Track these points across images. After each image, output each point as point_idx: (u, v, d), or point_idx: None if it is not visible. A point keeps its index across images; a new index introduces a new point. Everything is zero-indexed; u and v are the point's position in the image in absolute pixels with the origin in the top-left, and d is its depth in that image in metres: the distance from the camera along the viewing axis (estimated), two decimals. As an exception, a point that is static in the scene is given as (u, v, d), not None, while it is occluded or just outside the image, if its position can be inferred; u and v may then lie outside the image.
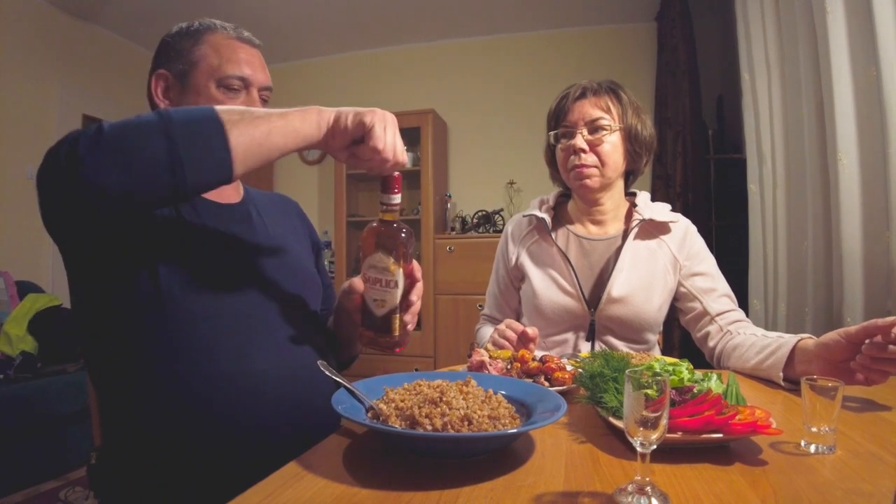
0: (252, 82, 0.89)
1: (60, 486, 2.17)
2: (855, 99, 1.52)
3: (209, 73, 0.87)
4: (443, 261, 3.49)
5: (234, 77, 0.87)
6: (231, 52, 0.88)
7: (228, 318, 0.78)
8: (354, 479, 0.52)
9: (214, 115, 0.64)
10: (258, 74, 0.90)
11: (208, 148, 0.63)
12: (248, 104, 0.87)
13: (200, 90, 0.87)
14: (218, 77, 0.87)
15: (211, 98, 0.86)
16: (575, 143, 1.15)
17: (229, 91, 0.87)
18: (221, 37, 0.90)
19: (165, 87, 0.90)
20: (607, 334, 1.17)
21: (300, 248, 0.99)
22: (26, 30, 3.12)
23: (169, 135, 0.61)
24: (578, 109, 1.15)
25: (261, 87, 0.91)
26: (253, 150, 0.65)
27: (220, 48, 0.88)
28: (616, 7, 3.45)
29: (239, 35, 0.91)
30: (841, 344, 0.78)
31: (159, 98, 0.90)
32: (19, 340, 2.37)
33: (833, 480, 0.52)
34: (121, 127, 0.62)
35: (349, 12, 3.54)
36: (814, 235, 1.77)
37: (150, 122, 0.62)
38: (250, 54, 0.91)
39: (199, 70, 0.87)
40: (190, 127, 0.62)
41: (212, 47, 0.88)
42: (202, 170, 0.63)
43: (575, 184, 1.19)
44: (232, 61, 0.88)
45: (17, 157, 3.07)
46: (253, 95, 0.89)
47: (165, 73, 0.90)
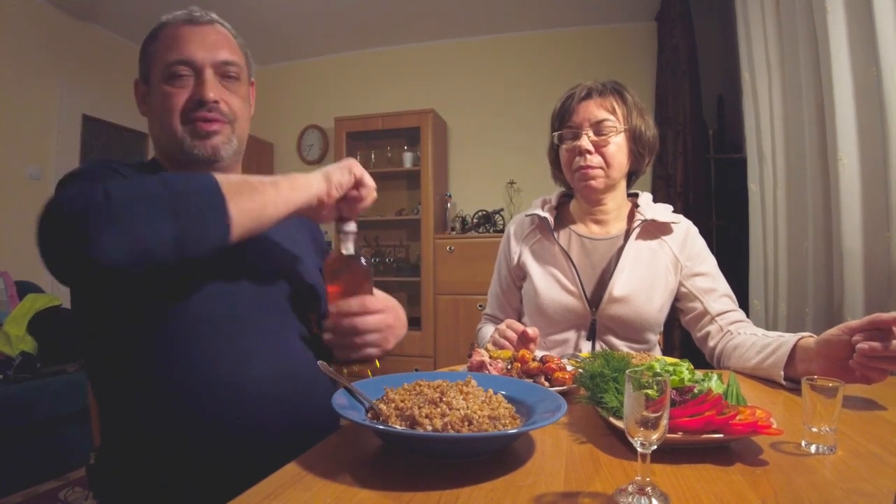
0: (199, 63, 0.83)
1: (60, 486, 2.16)
2: (855, 99, 1.52)
3: (158, 67, 0.84)
4: (443, 261, 3.49)
5: (172, 63, 0.82)
6: (174, 39, 0.84)
7: (227, 322, 0.77)
8: (354, 479, 0.52)
9: (216, 188, 0.65)
10: (205, 52, 0.83)
11: (211, 224, 0.64)
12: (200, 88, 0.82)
13: (154, 91, 0.85)
14: (161, 69, 0.83)
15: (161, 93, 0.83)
16: (580, 144, 1.14)
17: (176, 79, 0.82)
18: (171, 27, 0.86)
19: (142, 93, 0.89)
20: (608, 334, 1.17)
21: (302, 252, 0.97)
22: (26, 30, 3.12)
23: (175, 212, 0.62)
24: (583, 110, 1.15)
25: (214, 63, 0.84)
26: (248, 223, 0.67)
27: (167, 38, 0.84)
28: (616, 7, 3.45)
29: (187, 18, 0.86)
30: (843, 339, 0.78)
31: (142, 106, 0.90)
32: (19, 340, 2.36)
33: (833, 481, 0.52)
34: (128, 200, 0.61)
35: (349, 12, 3.54)
36: (814, 235, 1.77)
37: (155, 195, 0.62)
38: (196, 33, 0.84)
39: (152, 69, 0.85)
40: (193, 203, 0.63)
41: (161, 42, 0.85)
42: (204, 244, 0.64)
43: (580, 184, 1.19)
44: (173, 47, 0.83)
45: (17, 158, 3.07)
46: (206, 76, 0.83)
47: (138, 80, 0.89)
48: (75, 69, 3.43)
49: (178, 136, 0.83)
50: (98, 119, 3.61)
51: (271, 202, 0.69)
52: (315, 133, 4.14)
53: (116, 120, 3.74)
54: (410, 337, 3.50)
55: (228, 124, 0.86)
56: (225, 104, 0.85)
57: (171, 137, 0.84)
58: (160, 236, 0.61)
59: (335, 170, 0.76)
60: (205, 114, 0.83)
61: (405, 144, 3.81)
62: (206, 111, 0.83)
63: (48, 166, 3.25)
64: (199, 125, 0.83)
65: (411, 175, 3.75)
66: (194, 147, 0.83)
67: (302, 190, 0.72)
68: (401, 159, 3.80)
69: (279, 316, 0.84)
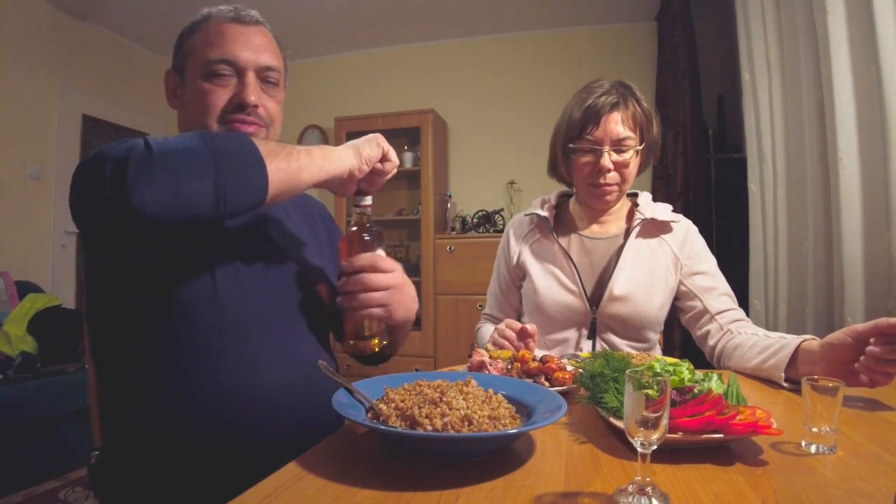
0: (242, 64, 0.81)
1: (60, 486, 2.16)
2: (856, 98, 1.52)
3: (197, 62, 0.81)
4: (443, 261, 3.49)
5: (215, 61, 0.80)
6: (216, 36, 0.81)
7: (236, 329, 0.77)
8: (354, 479, 0.52)
9: (255, 148, 0.66)
10: (252, 54, 0.81)
11: (251, 181, 0.65)
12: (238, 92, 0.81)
13: (190, 85, 0.82)
14: (202, 66, 0.80)
15: (198, 93, 0.80)
16: (603, 164, 1.12)
17: (216, 78, 0.80)
18: (214, 22, 0.83)
19: (173, 85, 0.87)
20: (608, 333, 1.17)
21: (318, 254, 0.94)
22: (26, 30, 3.12)
23: (217, 166, 0.62)
24: (605, 126, 1.12)
25: (257, 66, 0.82)
26: (285, 183, 0.68)
27: (209, 34, 0.81)
28: (616, 7, 3.45)
29: (234, 16, 0.83)
30: (848, 343, 0.77)
31: (170, 99, 0.88)
32: (19, 340, 2.36)
33: (833, 481, 0.52)
34: (171, 152, 0.62)
35: (349, 12, 3.54)
36: (814, 235, 1.77)
37: (197, 149, 0.63)
38: (242, 33, 0.82)
39: (190, 62, 0.83)
40: (235, 158, 0.64)
41: (202, 35, 0.82)
42: (243, 200, 0.65)
43: (595, 200, 1.19)
44: (216, 45, 0.80)
45: (17, 157, 3.07)
46: (248, 80, 0.81)
47: (171, 72, 0.87)
48: (75, 69, 3.43)
49: None
50: (98, 119, 3.61)
51: (305, 168, 0.70)
52: (315, 133, 4.14)
53: (116, 120, 3.74)
54: (410, 337, 3.48)
55: (264, 128, 0.85)
56: (263, 109, 0.84)
57: None
58: (202, 189, 0.61)
59: (364, 144, 0.77)
60: (243, 117, 0.82)
61: (405, 144, 3.81)
62: (245, 114, 0.82)
63: (48, 166, 3.25)
64: (236, 126, 0.82)
65: (411, 175, 3.75)
66: None
67: (335, 161, 0.73)
68: (401, 159, 3.79)
69: (291, 324, 0.83)
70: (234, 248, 0.82)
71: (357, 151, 0.76)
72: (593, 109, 1.12)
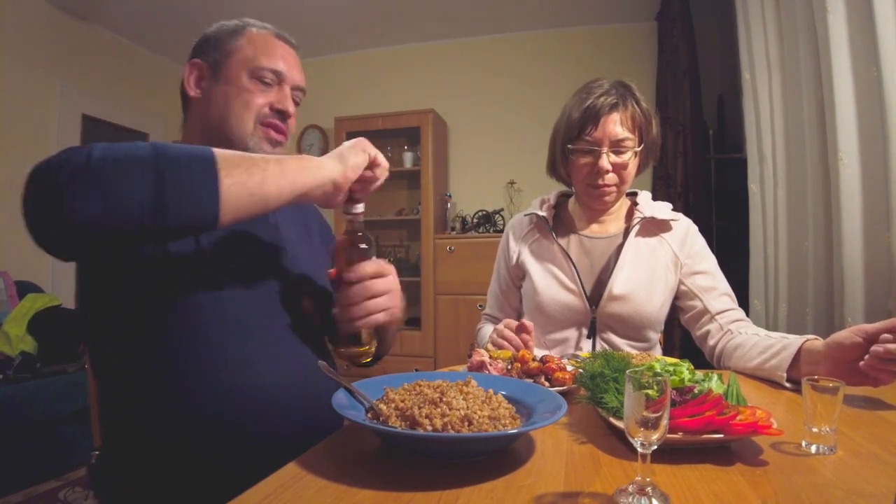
0: (286, 78, 0.89)
1: (60, 486, 2.16)
2: (856, 99, 1.52)
3: (243, 63, 0.87)
4: (443, 261, 3.49)
5: (268, 69, 0.87)
6: (267, 46, 0.89)
7: (236, 328, 0.77)
8: (354, 479, 0.52)
9: (210, 157, 0.62)
10: (293, 72, 0.90)
11: (197, 194, 0.60)
12: (279, 100, 0.88)
13: (233, 80, 0.86)
14: (251, 68, 0.87)
15: (243, 88, 0.86)
16: (601, 165, 1.12)
17: (261, 83, 0.87)
18: (261, 33, 0.91)
19: (199, 76, 0.89)
20: (608, 332, 1.17)
21: (312, 254, 0.96)
22: (26, 30, 3.12)
23: (159, 174, 0.58)
24: (604, 127, 1.11)
25: (294, 86, 0.91)
26: (244, 198, 0.63)
27: (257, 41, 0.89)
28: (616, 6, 3.45)
29: (277, 32, 0.93)
30: (857, 342, 0.77)
31: (191, 86, 0.89)
32: (19, 340, 2.36)
33: (834, 481, 0.52)
34: (112, 157, 0.58)
35: (349, 12, 3.54)
36: (814, 235, 1.76)
37: (143, 157, 0.59)
38: (287, 51, 0.91)
39: (233, 60, 0.87)
40: (182, 168, 0.60)
41: (249, 40, 0.89)
42: (187, 213, 0.60)
43: (593, 200, 1.19)
44: (268, 54, 0.88)
45: (16, 157, 3.07)
46: (285, 92, 0.89)
47: (200, 62, 0.89)
48: (75, 69, 3.43)
49: (247, 132, 0.86)
50: (98, 119, 3.61)
51: (272, 179, 0.65)
52: (315, 133, 4.14)
53: (116, 120, 3.74)
54: (410, 337, 3.50)
55: (286, 139, 0.92)
56: (291, 122, 0.91)
57: (238, 129, 0.86)
58: (138, 196, 0.57)
59: (349, 150, 0.74)
60: (279, 124, 0.88)
61: (405, 144, 3.81)
62: (281, 121, 0.89)
63: (48, 166, 3.25)
64: (273, 132, 0.88)
65: (411, 175, 3.75)
66: (261, 149, 0.87)
67: (312, 171, 0.69)
68: (401, 159, 3.80)
69: (288, 325, 0.83)
70: (233, 249, 0.82)
71: (341, 159, 0.73)
72: (592, 110, 1.12)
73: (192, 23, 3.96)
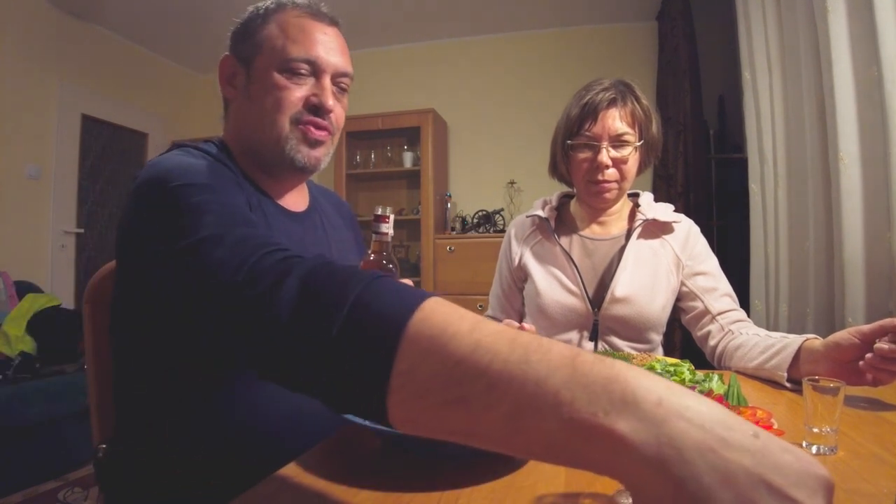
0: (322, 66, 0.77)
1: (60, 486, 2.16)
2: (856, 99, 1.52)
3: (271, 56, 0.76)
4: (443, 261, 3.49)
5: (297, 60, 0.75)
6: (298, 31, 0.76)
7: None
8: (354, 479, 0.52)
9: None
10: (332, 58, 0.78)
11: None
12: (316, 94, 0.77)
13: (263, 77, 0.76)
14: (280, 60, 0.76)
15: (271, 87, 0.76)
16: (601, 160, 1.12)
17: (294, 76, 0.76)
18: (291, 14, 0.78)
19: (231, 73, 0.81)
20: (611, 334, 1.17)
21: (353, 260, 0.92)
22: (26, 29, 3.12)
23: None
24: (603, 122, 1.11)
25: (335, 73, 0.79)
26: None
27: (288, 27, 0.77)
28: (617, 6, 3.45)
29: (312, 11, 0.79)
30: (854, 343, 0.77)
31: (224, 85, 0.82)
32: (18, 341, 2.36)
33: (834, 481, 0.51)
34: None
35: (348, 12, 3.53)
36: (815, 235, 1.76)
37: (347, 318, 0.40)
38: (323, 33, 0.78)
39: (262, 53, 0.77)
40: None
41: (279, 27, 0.77)
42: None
43: (593, 197, 1.18)
44: (297, 41, 0.76)
45: (16, 157, 3.07)
46: (323, 83, 0.78)
47: (231, 58, 0.80)
48: (75, 69, 3.43)
49: (282, 135, 0.77)
50: (98, 119, 3.61)
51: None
52: (315, 133, 4.14)
53: (116, 120, 3.74)
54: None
55: (331, 135, 0.82)
56: (335, 115, 0.81)
57: (271, 132, 0.77)
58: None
59: None
60: (318, 120, 0.78)
61: (405, 144, 3.81)
62: (320, 117, 0.78)
63: (48, 166, 3.25)
64: (310, 130, 0.78)
65: (411, 175, 3.75)
66: (298, 152, 0.78)
67: None
68: (401, 159, 3.80)
69: None
70: None
71: None
72: (591, 105, 1.13)
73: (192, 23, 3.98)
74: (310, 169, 0.80)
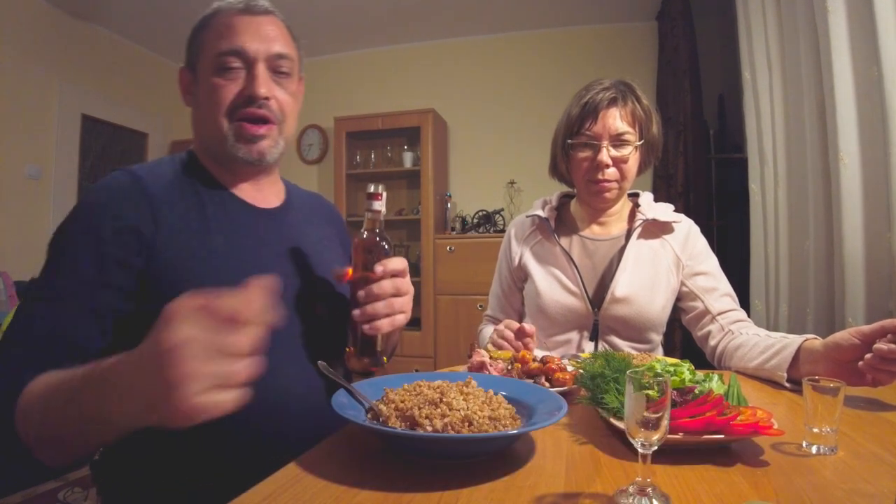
0: (251, 54, 0.77)
1: (60, 486, 2.16)
2: (856, 98, 1.52)
3: (207, 58, 0.78)
4: (443, 261, 3.49)
5: (224, 53, 0.76)
6: (225, 28, 0.77)
7: None
8: (354, 480, 0.52)
9: None
10: (258, 44, 0.77)
11: None
12: (252, 83, 0.77)
13: (203, 81, 0.79)
14: (212, 59, 0.77)
15: (209, 88, 0.77)
16: (601, 158, 1.12)
17: (226, 72, 0.76)
18: (224, 15, 0.79)
19: (188, 82, 0.84)
20: (611, 334, 1.17)
21: (331, 257, 0.93)
22: (26, 30, 3.12)
23: None
24: (603, 121, 1.12)
25: (268, 55, 0.78)
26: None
27: (220, 27, 0.78)
28: (617, 6, 3.45)
29: (242, 8, 0.80)
30: (854, 343, 0.77)
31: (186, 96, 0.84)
32: (19, 340, 2.36)
33: (834, 481, 0.52)
34: None
35: (349, 12, 3.54)
36: (815, 235, 1.76)
37: None
38: (251, 23, 0.78)
39: (202, 58, 0.79)
40: None
41: (213, 30, 0.79)
42: None
43: (593, 197, 1.19)
44: (224, 36, 0.77)
45: (16, 157, 3.07)
46: (258, 70, 0.77)
47: (185, 69, 0.84)
48: (75, 69, 3.43)
49: (222, 134, 0.78)
50: (98, 119, 3.61)
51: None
52: (315, 133, 4.14)
53: (116, 120, 3.74)
54: (410, 337, 3.50)
55: (276, 125, 0.81)
56: (275, 101, 0.80)
57: (214, 134, 0.79)
58: None
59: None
60: (254, 111, 0.78)
61: (405, 144, 3.81)
62: (256, 108, 0.78)
63: (47, 166, 3.25)
64: (245, 127, 0.78)
65: (411, 175, 3.75)
66: (238, 149, 0.79)
67: None
68: (401, 159, 3.80)
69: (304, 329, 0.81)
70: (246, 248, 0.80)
71: None
72: (591, 105, 1.13)
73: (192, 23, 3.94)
74: (256, 162, 0.81)
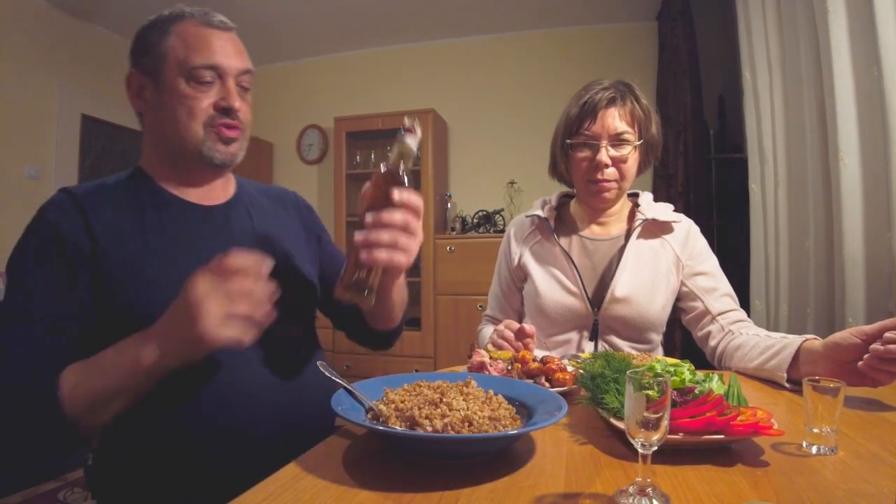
0: (226, 70, 0.83)
1: (60, 486, 2.16)
2: (856, 98, 1.52)
3: (177, 66, 0.81)
4: (443, 261, 3.49)
5: (200, 67, 0.81)
6: (198, 41, 0.82)
7: None
8: (354, 480, 0.52)
9: None
10: (232, 60, 0.84)
11: None
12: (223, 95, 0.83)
13: (170, 88, 0.82)
14: (186, 70, 0.81)
15: (181, 96, 0.81)
16: (600, 158, 1.12)
17: (200, 84, 0.81)
18: (189, 24, 0.83)
19: (139, 86, 0.85)
20: (611, 334, 1.17)
21: (292, 246, 0.94)
22: (26, 30, 3.11)
23: None
24: (603, 121, 1.12)
25: (237, 72, 0.85)
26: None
27: (188, 37, 0.82)
28: (617, 6, 3.45)
29: (208, 20, 0.84)
30: (854, 343, 0.77)
31: (135, 99, 0.86)
32: (19, 340, 2.36)
33: (834, 481, 0.52)
34: None
35: (349, 12, 3.54)
36: (815, 235, 1.76)
37: None
38: (222, 39, 0.84)
39: (167, 65, 0.82)
40: None
41: (179, 37, 0.82)
42: None
43: (593, 197, 1.18)
44: (198, 50, 0.81)
45: (16, 157, 3.07)
46: (228, 86, 0.83)
47: (135, 72, 0.85)
48: (75, 69, 3.42)
49: (198, 139, 0.82)
50: (97, 119, 3.61)
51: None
52: (315, 133, 4.14)
53: (116, 120, 3.74)
54: (410, 337, 3.50)
55: (243, 132, 0.87)
56: (243, 113, 0.86)
57: (187, 139, 0.82)
58: None
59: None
60: (228, 121, 0.83)
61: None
62: (230, 118, 0.84)
63: (47, 166, 3.25)
64: (222, 130, 0.83)
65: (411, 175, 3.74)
66: (216, 151, 0.83)
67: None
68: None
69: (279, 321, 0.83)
70: (189, 247, 0.81)
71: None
72: (590, 104, 1.13)
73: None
74: (229, 162, 0.86)
